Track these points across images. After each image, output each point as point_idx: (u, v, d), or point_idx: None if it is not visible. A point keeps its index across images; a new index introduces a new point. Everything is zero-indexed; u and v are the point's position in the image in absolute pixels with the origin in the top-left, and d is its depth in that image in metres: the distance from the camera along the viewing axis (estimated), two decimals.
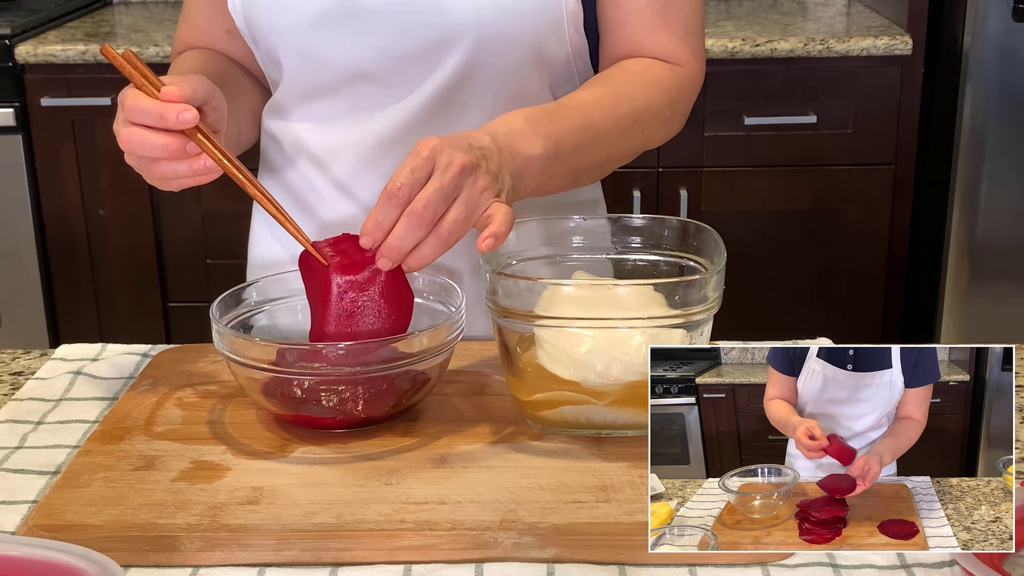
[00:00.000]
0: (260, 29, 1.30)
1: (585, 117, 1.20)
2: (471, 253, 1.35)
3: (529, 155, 1.14)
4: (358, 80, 1.28)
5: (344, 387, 1.08)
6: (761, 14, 3.10)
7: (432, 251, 1.06)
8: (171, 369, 1.25)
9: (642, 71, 1.27)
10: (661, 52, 1.28)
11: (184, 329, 3.00)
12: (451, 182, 1.04)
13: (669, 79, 1.28)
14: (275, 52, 1.30)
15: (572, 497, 1.00)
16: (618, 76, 1.27)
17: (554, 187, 1.21)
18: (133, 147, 1.09)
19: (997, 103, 2.77)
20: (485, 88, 1.27)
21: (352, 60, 1.27)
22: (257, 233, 1.46)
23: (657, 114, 1.26)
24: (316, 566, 0.96)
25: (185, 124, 1.07)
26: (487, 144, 1.10)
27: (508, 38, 1.24)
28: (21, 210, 2.88)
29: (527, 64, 1.27)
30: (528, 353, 1.09)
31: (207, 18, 1.38)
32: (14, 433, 1.16)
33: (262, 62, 1.36)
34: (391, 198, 1.04)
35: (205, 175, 1.10)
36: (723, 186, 2.89)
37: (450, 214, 1.05)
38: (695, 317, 1.06)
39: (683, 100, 1.30)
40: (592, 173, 1.27)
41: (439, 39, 1.24)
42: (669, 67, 1.28)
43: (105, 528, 0.97)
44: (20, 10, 3.08)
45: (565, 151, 1.17)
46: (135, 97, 1.09)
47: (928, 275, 2.98)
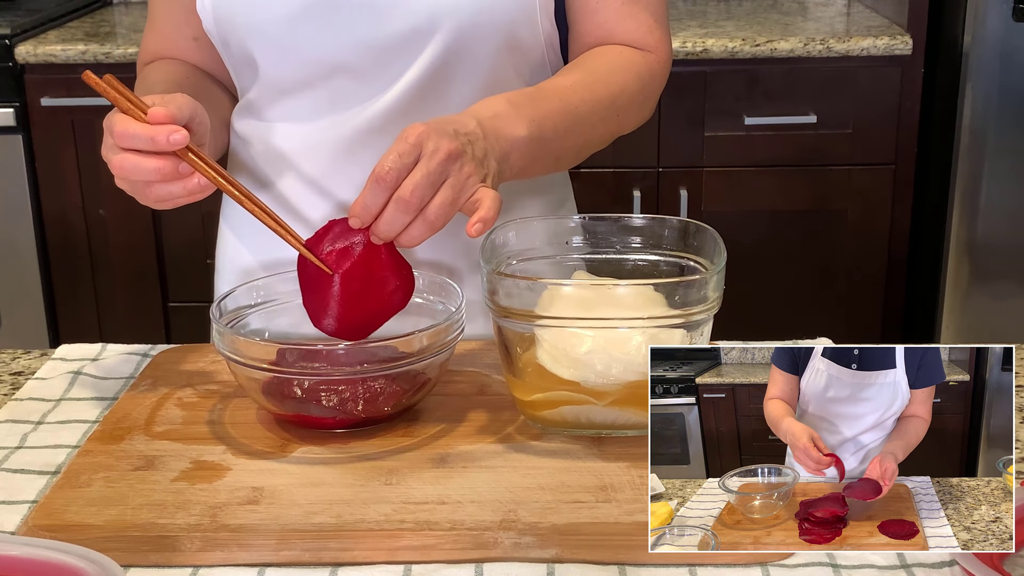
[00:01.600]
0: (233, 27, 1.29)
1: (565, 101, 1.22)
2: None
3: (514, 137, 1.15)
4: (336, 73, 1.29)
5: (344, 387, 1.08)
6: (761, 14, 3.10)
7: (420, 233, 1.08)
8: (171, 369, 1.25)
9: (615, 57, 1.30)
10: (631, 39, 1.31)
11: (184, 329, 2.99)
12: (438, 168, 1.06)
13: (641, 64, 1.30)
14: (250, 50, 1.30)
15: (572, 497, 1.00)
16: (593, 62, 1.29)
17: (537, 170, 1.24)
18: (126, 173, 1.10)
19: (997, 103, 2.77)
20: (462, 78, 1.28)
21: (330, 53, 1.27)
22: (225, 239, 1.46)
23: (631, 98, 1.29)
24: (316, 566, 0.96)
25: (176, 145, 1.07)
26: (473, 129, 1.11)
27: (483, 26, 1.26)
28: (21, 210, 2.88)
29: (503, 54, 1.29)
30: (528, 353, 1.09)
31: (174, 25, 1.37)
32: (14, 433, 1.16)
33: (233, 65, 1.35)
34: (379, 182, 1.06)
35: (200, 193, 1.11)
36: (723, 186, 2.89)
37: (437, 198, 1.07)
38: (695, 317, 1.06)
39: (654, 85, 1.33)
40: (572, 157, 1.29)
41: (417, 28, 1.25)
42: (640, 53, 1.31)
43: (105, 528, 0.97)
44: (20, 10, 3.08)
45: (548, 134, 1.19)
46: (123, 123, 1.08)
47: (928, 275, 2.98)
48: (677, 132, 2.85)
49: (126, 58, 2.78)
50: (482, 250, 1.12)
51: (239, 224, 1.42)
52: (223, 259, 1.46)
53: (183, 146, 1.08)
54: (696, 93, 2.82)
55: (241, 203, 1.12)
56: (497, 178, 1.13)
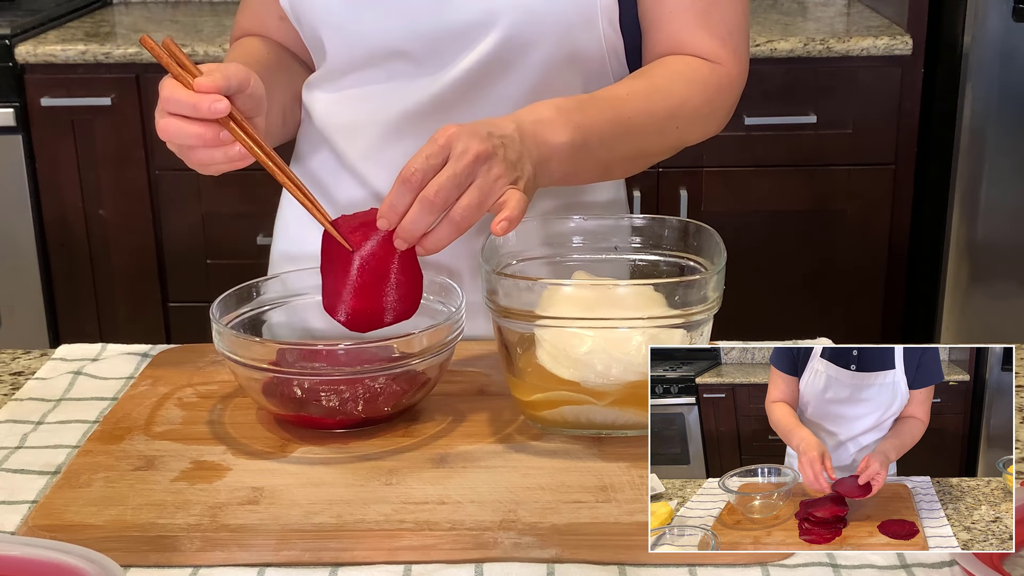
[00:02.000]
0: (303, 8, 1.34)
1: (617, 110, 1.21)
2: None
3: (554, 144, 1.15)
4: (393, 58, 1.31)
5: (344, 387, 1.08)
6: (761, 14, 3.10)
7: (446, 235, 1.08)
8: (171, 369, 1.25)
9: (681, 68, 1.28)
10: (702, 51, 1.29)
11: (184, 329, 2.99)
12: (464, 169, 1.06)
13: (708, 77, 1.28)
14: (317, 31, 1.34)
15: (572, 497, 1.00)
16: (657, 71, 1.28)
17: (583, 178, 1.23)
18: (171, 136, 1.13)
19: (997, 103, 2.77)
20: (513, 78, 1.28)
21: (389, 39, 1.30)
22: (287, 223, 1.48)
23: (695, 111, 1.27)
24: (316, 566, 0.96)
25: (217, 114, 1.11)
26: (509, 132, 1.11)
27: (540, 26, 1.25)
28: (21, 210, 2.88)
29: (558, 57, 1.28)
30: (528, 353, 1.09)
31: (263, 4, 1.42)
32: (14, 433, 1.16)
33: (308, 44, 1.40)
34: (405, 183, 1.06)
35: (241, 161, 1.14)
36: (723, 186, 2.89)
37: (463, 200, 1.07)
38: (695, 317, 1.06)
39: (722, 99, 1.30)
40: (625, 166, 1.28)
41: (473, 22, 1.26)
42: (709, 65, 1.29)
43: (105, 528, 0.97)
44: (20, 10, 3.08)
45: (593, 142, 1.18)
46: (171, 88, 1.12)
47: (928, 275, 2.98)
48: None
49: (126, 58, 2.78)
50: (482, 250, 1.12)
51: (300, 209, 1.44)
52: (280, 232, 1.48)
53: (223, 115, 1.11)
54: None
55: (274, 175, 1.15)
56: (532, 182, 1.12)
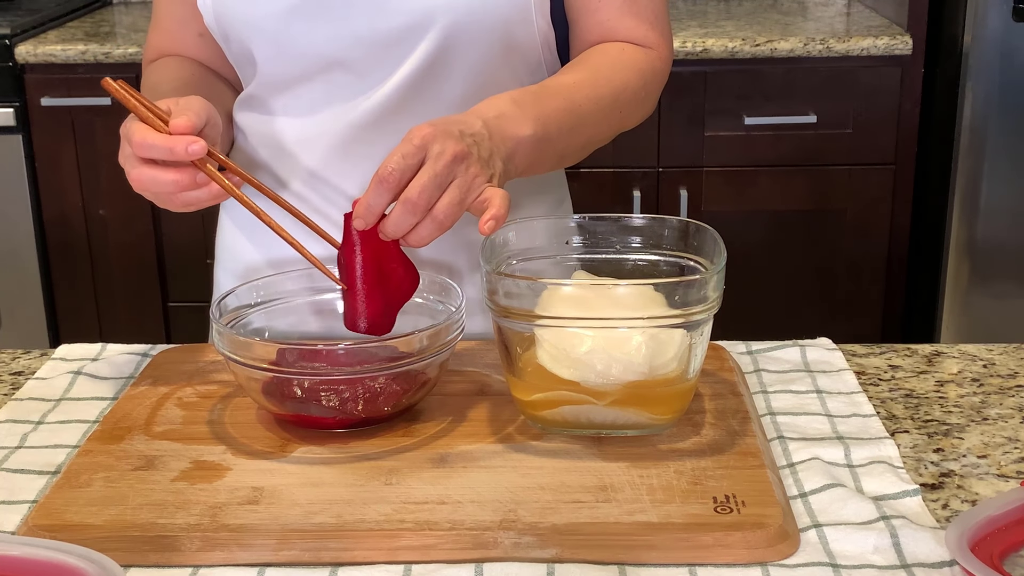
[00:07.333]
0: (232, 23, 1.30)
1: (569, 99, 1.23)
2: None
3: (519, 137, 1.16)
4: (332, 68, 1.29)
5: (344, 387, 1.08)
6: (761, 14, 3.10)
7: (428, 233, 1.08)
8: (171, 369, 1.25)
9: (617, 54, 1.30)
10: (632, 36, 1.32)
11: (184, 329, 3.00)
12: (444, 170, 1.06)
13: (643, 61, 1.31)
14: (247, 45, 1.31)
15: (572, 497, 1.00)
16: (596, 59, 1.30)
17: (542, 168, 1.24)
18: (144, 187, 1.12)
19: (997, 103, 2.77)
20: (457, 75, 1.29)
21: (325, 48, 1.28)
22: (224, 230, 1.46)
23: (633, 95, 1.30)
24: (316, 566, 0.95)
25: (194, 156, 1.09)
26: (478, 130, 1.12)
27: (478, 24, 1.26)
28: (21, 210, 2.88)
29: (498, 52, 1.29)
30: (528, 353, 1.09)
31: (179, 22, 1.38)
32: (14, 433, 1.16)
33: (234, 60, 1.37)
34: (382, 183, 1.06)
35: (224, 195, 1.13)
36: (723, 186, 2.89)
37: (444, 199, 1.07)
38: (695, 317, 1.06)
39: (656, 82, 1.33)
40: (576, 155, 1.30)
41: (411, 24, 1.25)
42: (642, 50, 1.32)
43: (105, 528, 0.97)
44: (20, 10, 3.08)
45: (552, 132, 1.20)
46: (142, 133, 1.10)
47: (928, 275, 2.98)
48: (677, 132, 2.85)
49: (126, 58, 2.78)
50: (482, 250, 1.12)
51: (239, 215, 1.42)
52: (223, 250, 1.46)
53: (201, 156, 1.09)
54: (696, 93, 2.83)
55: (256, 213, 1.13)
56: (503, 177, 1.14)
